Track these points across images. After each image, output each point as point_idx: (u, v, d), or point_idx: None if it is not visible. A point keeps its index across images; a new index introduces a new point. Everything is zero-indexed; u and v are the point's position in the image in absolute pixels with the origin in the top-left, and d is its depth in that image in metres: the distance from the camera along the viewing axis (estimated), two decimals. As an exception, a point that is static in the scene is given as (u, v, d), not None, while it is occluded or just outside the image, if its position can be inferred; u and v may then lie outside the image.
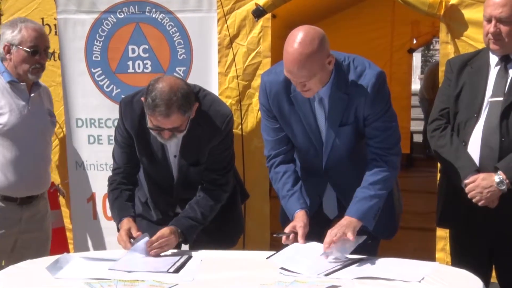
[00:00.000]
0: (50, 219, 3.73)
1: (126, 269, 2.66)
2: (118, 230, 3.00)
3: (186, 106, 2.79)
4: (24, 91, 3.45)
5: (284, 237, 2.82)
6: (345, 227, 2.74)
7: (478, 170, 2.93)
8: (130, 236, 2.90)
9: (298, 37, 2.67)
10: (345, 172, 2.99)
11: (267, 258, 2.70)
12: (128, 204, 3.04)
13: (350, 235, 2.69)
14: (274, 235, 2.91)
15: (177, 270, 2.67)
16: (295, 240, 2.81)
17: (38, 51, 3.41)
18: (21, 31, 3.37)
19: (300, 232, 2.81)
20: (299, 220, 2.85)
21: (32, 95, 3.47)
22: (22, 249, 3.52)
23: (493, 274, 3.17)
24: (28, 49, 3.38)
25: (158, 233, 2.87)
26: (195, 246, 3.01)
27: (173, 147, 3.03)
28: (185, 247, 3.11)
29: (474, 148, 2.97)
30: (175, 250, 2.93)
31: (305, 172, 3.10)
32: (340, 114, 2.87)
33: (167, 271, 2.65)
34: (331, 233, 2.72)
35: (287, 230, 2.84)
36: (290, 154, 3.05)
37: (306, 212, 2.90)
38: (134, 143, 3.06)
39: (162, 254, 2.85)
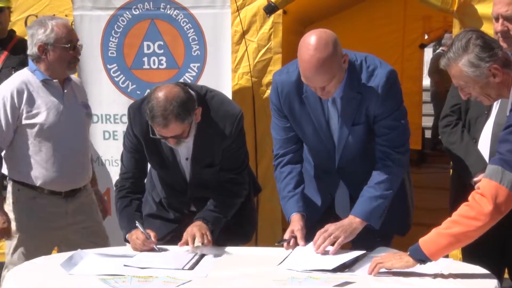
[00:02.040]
0: (97, 210, 3.76)
1: (141, 265, 2.68)
2: (125, 239, 3.02)
3: (184, 114, 2.80)
4: (58, 88, 3.47)
5: (285, 244, 2.82)
6: (342, 230, 2.75)
7: None
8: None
9: (311, 43, 2.66)
10: (358, 171, 2.99)
11: (277, 265, 2.69)
12: (137, 215, 3.07)
13: (339, 241, 2.72)
14: (276, 244, 2.92)
15: (192, 267, 2.68)
16: (296, 244, 2.82)
17: (74, 45, 3.44)
18: (53, 30, 3.38)
19: (298, 235, 2.81)
20: (296, 223, 2.86)
21: (65, 91, 3.50)
22: (78, 240, 3.54)
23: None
24: (65, 45, 3.39)
25: (187, 231, 2.90)
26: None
27: (184, 150, 3.04)
28: (197, 243, 3.12)
29: (484, 145, 2.96)
30: (189, 247, 2.94)
31: (318, 170, 3.10)
32: (353, 114, 2.87)
33: (182, 268, 2.66)
34: (324, 235, 2.74)
35: (286, 236, 2.84)
36: (298, 154, 3.04)
37: (302, 216, 2.90)
38: (143, 148, 3.08)
39: (177, 251, 2.87)
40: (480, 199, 2.36)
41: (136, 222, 2.96)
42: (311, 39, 2.67)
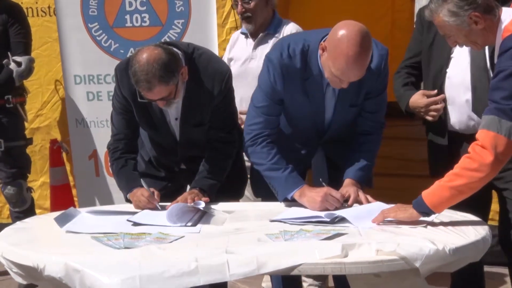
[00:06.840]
0: None
1: (144, 222, 2.69)
2: (126, 199, 3.01)
3: (168, 76, 2.75)
4: None
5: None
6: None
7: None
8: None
9: (358, 38, 2.56)
10: (340, 137, 3.03)
11: (271, 221, 2.68)
12: (135, 174, 3.07)
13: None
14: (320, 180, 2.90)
15: (195, 224, 2.69)
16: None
17: None
18: None
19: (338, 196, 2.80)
20: (329, 188, 2.82)
21: None
22: None
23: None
24: None
25: (181, 196, 2.89)
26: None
27: (173, 110, 3.02)
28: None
29: (462, 87, 2.97)
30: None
31: (295, 142, 3.07)
32: (353, 97, 2.89)
33: (186, 225, 2.68)
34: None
35: (338, 195, 2.81)
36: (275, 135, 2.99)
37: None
38: (133, 109, 3.05)
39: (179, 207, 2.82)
40: (480, 150, 2.38)
41: (142, 181, 2.96)
42: (358, 35, 2.57)
